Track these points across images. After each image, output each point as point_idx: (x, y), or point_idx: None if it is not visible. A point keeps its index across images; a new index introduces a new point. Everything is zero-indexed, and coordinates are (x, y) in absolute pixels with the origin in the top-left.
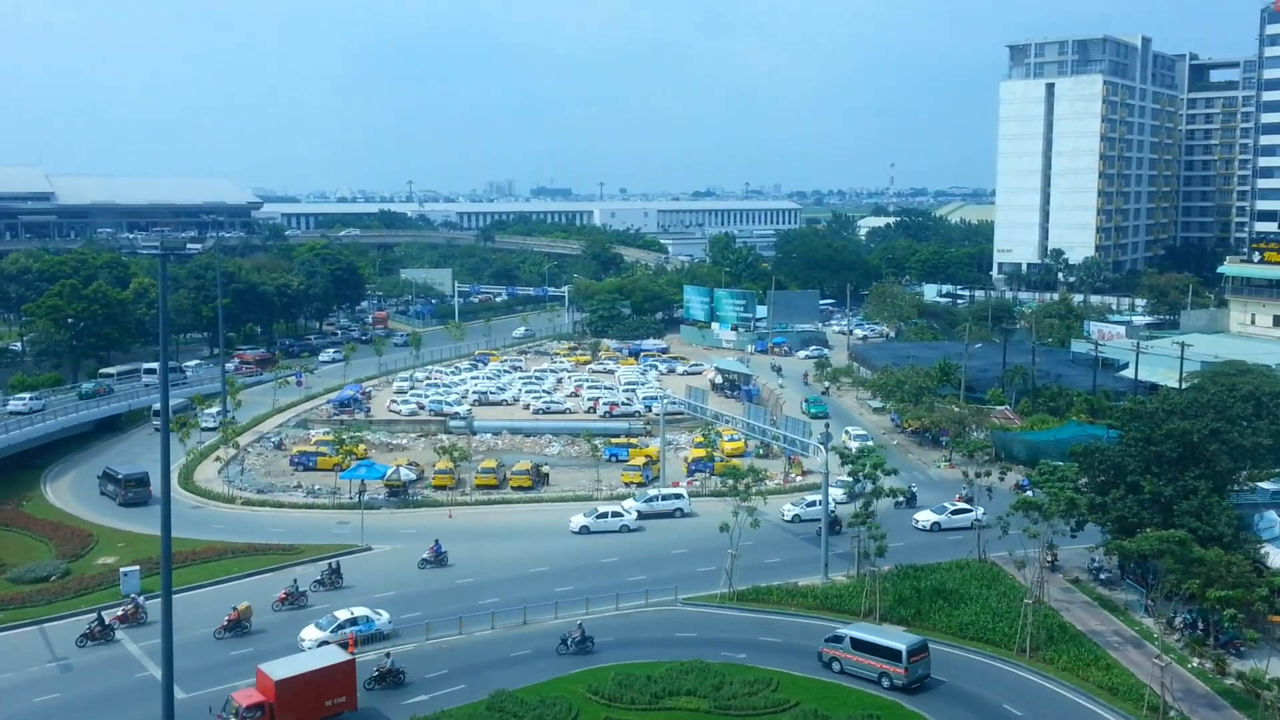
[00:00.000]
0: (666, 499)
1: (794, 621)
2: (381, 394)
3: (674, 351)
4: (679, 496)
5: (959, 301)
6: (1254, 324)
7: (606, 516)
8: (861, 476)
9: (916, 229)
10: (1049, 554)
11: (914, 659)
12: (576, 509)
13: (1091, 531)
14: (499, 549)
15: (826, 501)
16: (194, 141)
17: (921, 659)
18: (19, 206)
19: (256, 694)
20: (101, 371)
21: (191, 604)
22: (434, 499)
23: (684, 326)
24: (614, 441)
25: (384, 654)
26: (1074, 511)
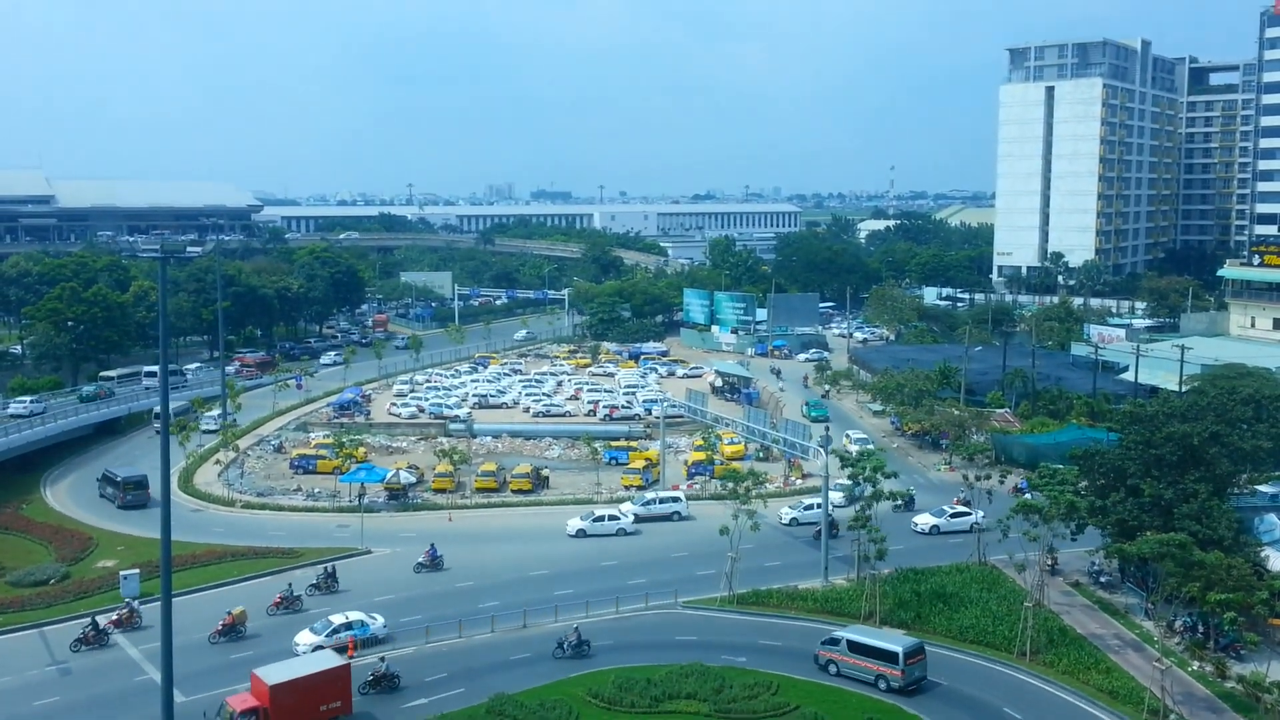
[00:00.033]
0: (664, 502)
1: (794, 625)
2: (381, 397)
3: (674, 354)
4: (676, 500)
5: (959, 305)
6: (1254, 327)
7: (603, 520)
8: (861, 480)
9: (916, 232)
10: (1049, 557)
11: (911, 661)
12: (576, 512)
13: (1092, 535)
14: (499, 552)
15: (826, 505)
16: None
17: (918, 661)
18: (19, 210)
19: (251, 699)
20: (102, 375)
21: (189, 608)
22: (434, 502)
23: (684, 329)
24: (614, 444)
25: (379, 658)
26: (1074, 515)
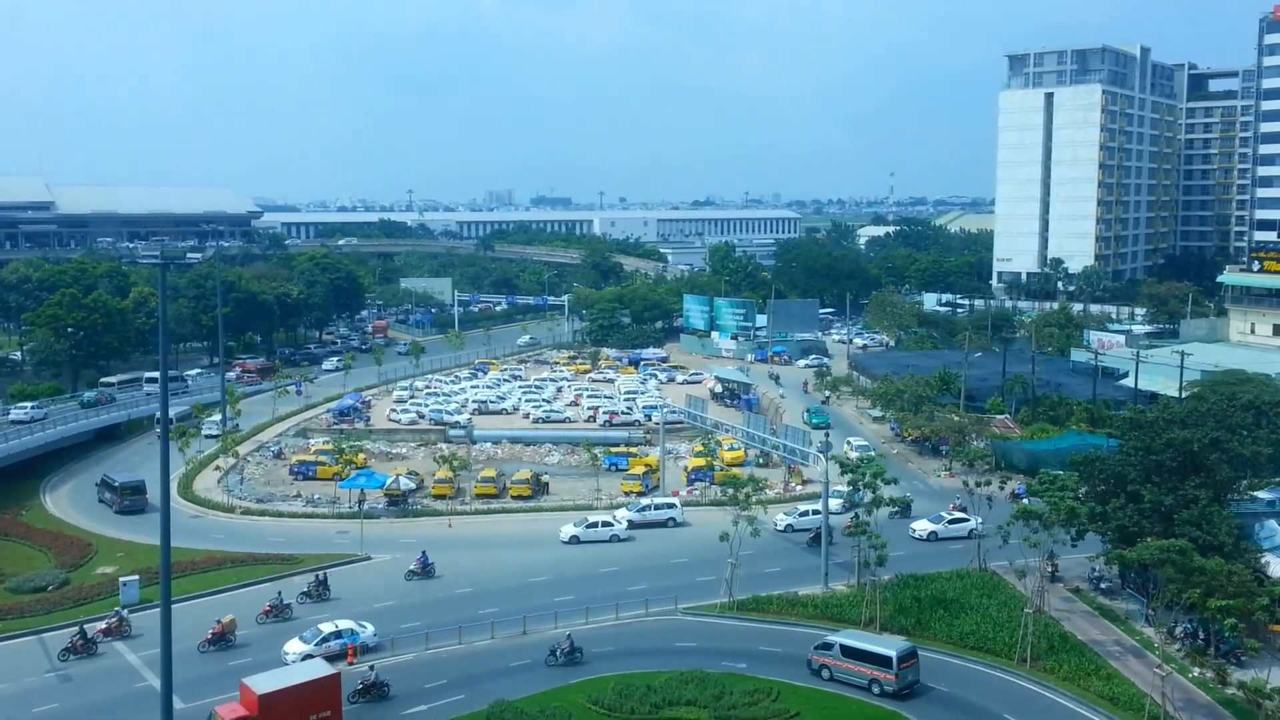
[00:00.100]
0: (659, 508)
1: (794, 631)
2: (381, 403)
3: (674, 360)
4: (671, 506)
5: (959, 310)
6: (1254, 333)
7: (596, 526)
8: (861, 486)
9: (916, 238)
10: (1049, 563)
11: (904, 665)
12: (576, 518)
13: (1092, 541)
14: (499, 558)
15: (826, 510)
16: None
17: (911, 665)
18: (19, 216)
19: (240, 708)
20: (102, 381)
21: (188, 614)
22: (433, 508)
23: (684, 335)
24: (614, 450)
25: (368, 666)
26: (1074, 521)
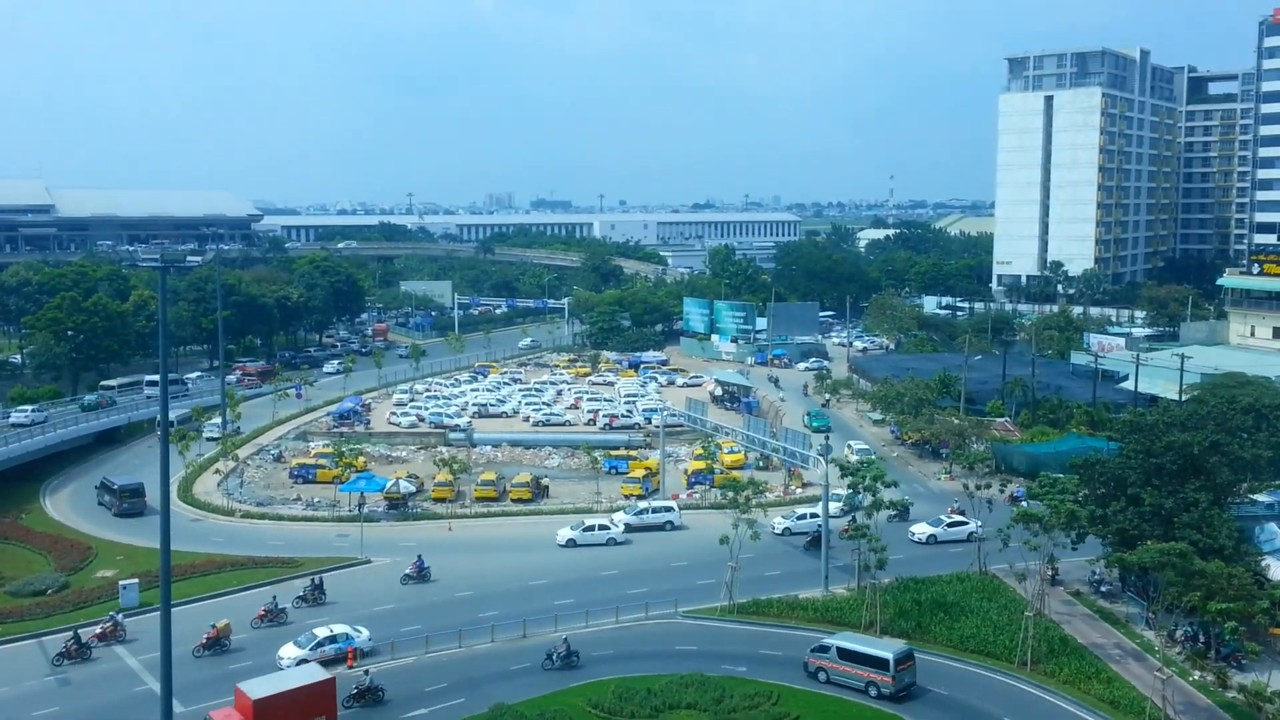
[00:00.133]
0: (657, 512)
1: (795, 634)
2: (381, 406)
3: (674, 363)
4: (669, 509)
5: (958, 313)
6: (1254, 336)
7: (593, 529)
8: (861, 489)
9: (916, 241)
10: (1050, 567)
11: (901, 668)
12: (573, 521)
13: (1092, 544)
14: (498, 561)
15: (826, 513)
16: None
17: (908, 667)
18: (19, 219)
19: (235, 713)
20: (103, 384)
21: (187, 618)
22: (434, 511)
23: (684, 339)
24: (614, 454)
25: (363, 671)
26: (1074, 524)
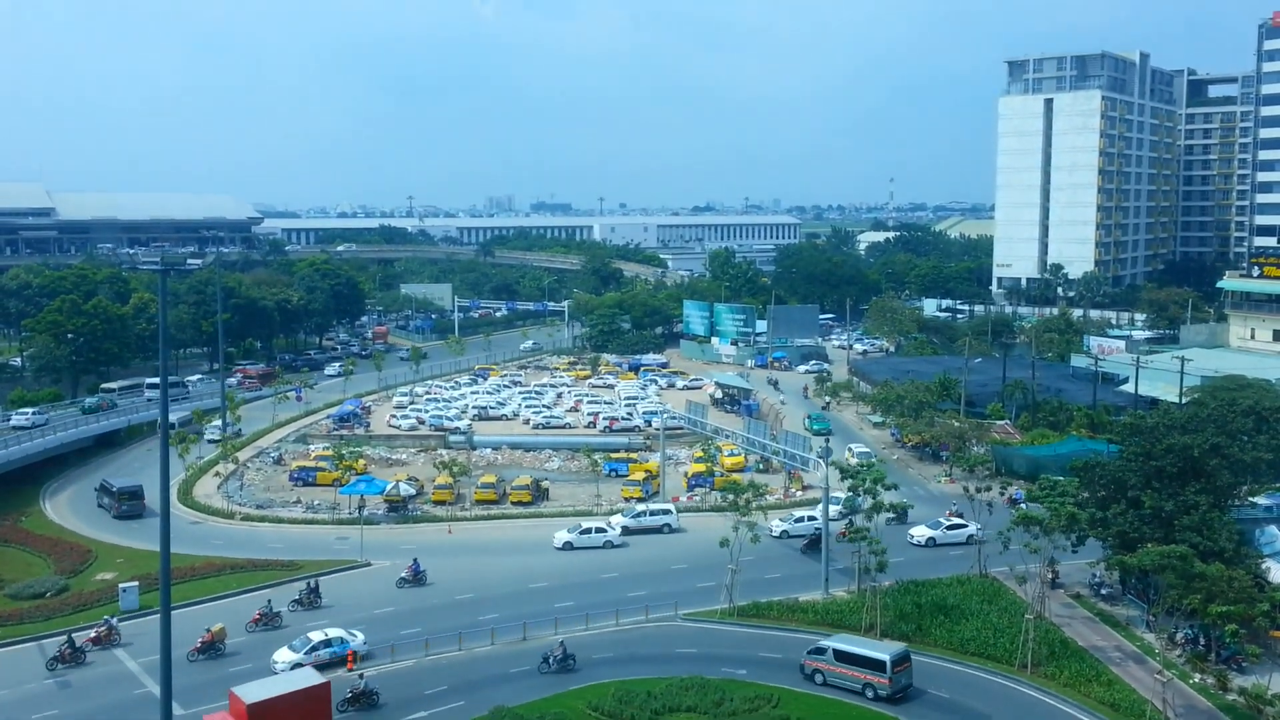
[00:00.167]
0: (654, 514)
1: (795, 637)
2: (381, 409)
3: (674, 366)
4: (667, 512)
5: (959, 316)
6: (1254, 338)
7: (590, 532)
8: (861, 491)
9: (916, 244)
10: (1050, 569)
11: (898, 669)
12: (570, 524)
13: (1092, 547)
14: (499, 564)
15: (826, 516)
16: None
17: (904, 669)
18: (20, 222)
19: (229, 718)
20: (104, 386)
21: (187, 621)
22: (434, 514)
23: (684, 341)
24: (614, 456)
25: (357, 675)
26: (1075, 526)
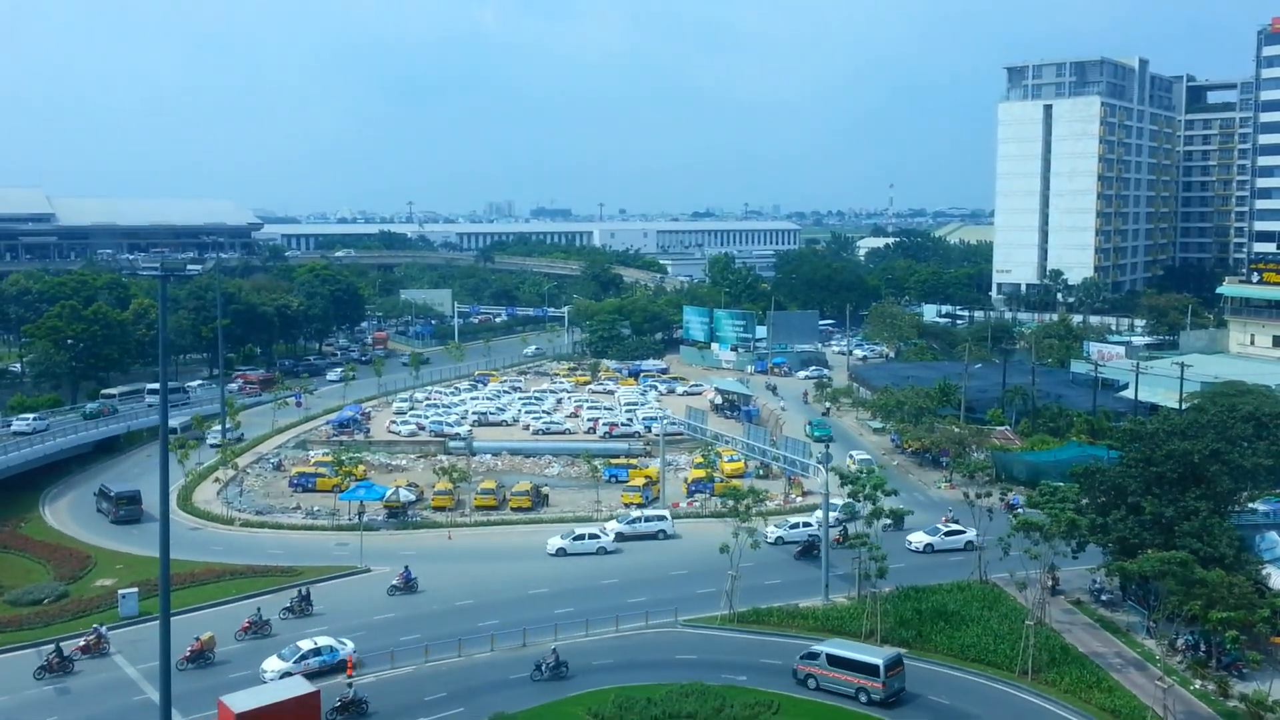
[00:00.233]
0: (649, 520)
1: (795, 643)
2: (381, 415)
3: (674, 372)
4: (662, 518)
5: (958, 322)
6: (1253, 344)
7: (583, 539)
8: (861, 497)
9: (915, 249)
10: (1050, 576)
11: (891, 673)
12: (564, 530)
13: (1093, 553)
14: (498, 570)
15: (827, 522)
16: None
17: (897, 673)
18: (19, 228)
19: None
20: (104, 392)
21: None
22: (433, 520)
23: (684, 347)
24: (614, 462)
25: (346, 683)
26: (1075, 533)
